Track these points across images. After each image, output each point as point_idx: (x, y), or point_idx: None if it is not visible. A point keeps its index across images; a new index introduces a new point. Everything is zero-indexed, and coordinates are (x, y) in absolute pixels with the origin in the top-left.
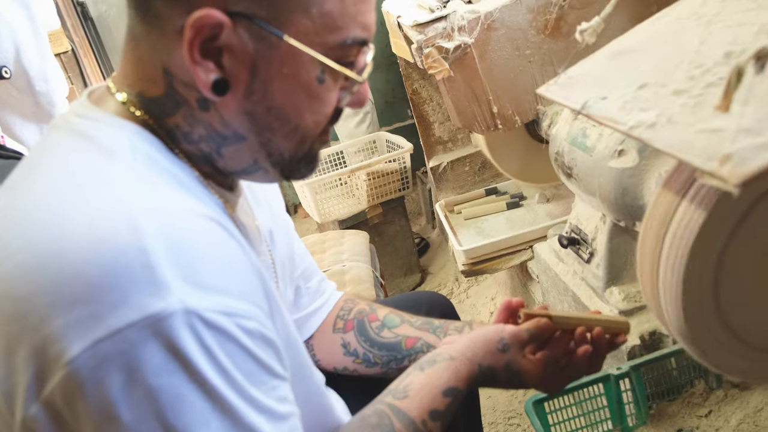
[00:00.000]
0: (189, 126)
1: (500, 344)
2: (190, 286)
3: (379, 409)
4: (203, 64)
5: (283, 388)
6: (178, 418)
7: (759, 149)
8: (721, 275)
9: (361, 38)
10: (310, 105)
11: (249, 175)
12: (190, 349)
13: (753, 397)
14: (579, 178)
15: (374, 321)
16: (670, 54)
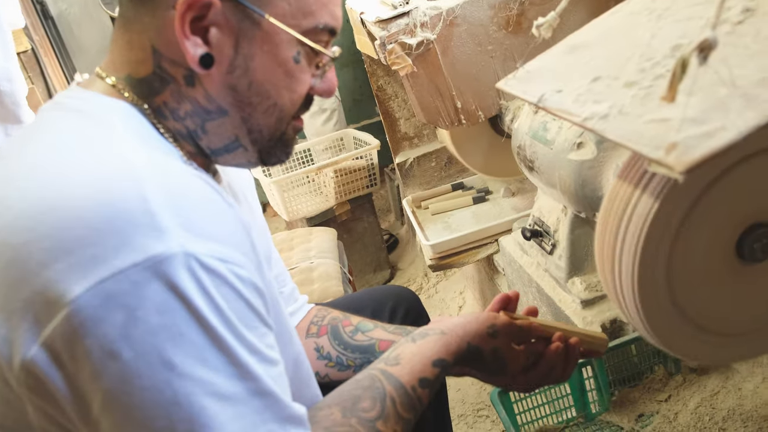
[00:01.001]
0: (176, 102)
1: (491, 329)
2: (188, 233)
3: (372, 374)
4: (192, 39)
5: (270, 337)
6: (177, 354)
7: (703, 138)
8: (674, 262)
9: (331, 25)
10: (287, 83)
11: (229, 153)
12: (189, 289)
13: (710, 381)
14: (540, 171)
15: (348, 326)
16: (622, 48)
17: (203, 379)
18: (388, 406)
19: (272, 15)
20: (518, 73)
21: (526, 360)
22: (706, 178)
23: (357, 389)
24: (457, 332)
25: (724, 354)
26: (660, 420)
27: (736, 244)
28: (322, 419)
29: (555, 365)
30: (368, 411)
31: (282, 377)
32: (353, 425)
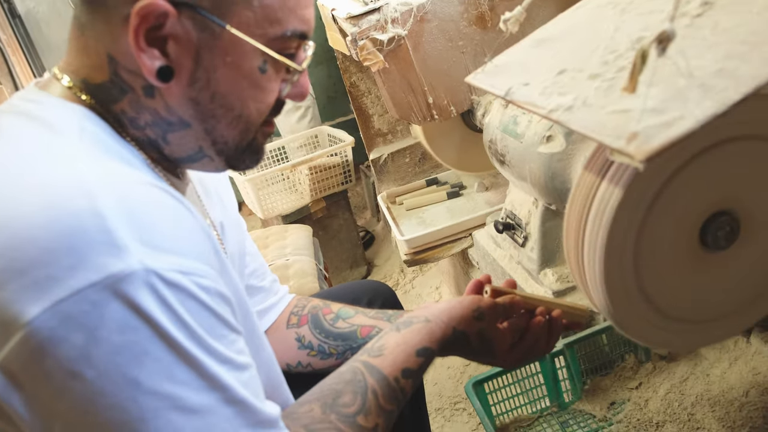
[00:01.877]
0: (135, 112)
1: (476, 312)
2: (148, 248)
3: (354, 366)
4: (148, 52)
5: (240, 342)
6: (142, 372)
7: (662, 127)
8: (640, 250)
9: (301, 31)
10: (253, 94)
11: (195, 162)
12: (151, 307)
13: (679, 368)
14: (511, 164)
15: (328, 314)
16: (587, 41)
17: (169, 395)
18: (370, 399)
19: (234, 25)
20: (486, 68)
21: (512, 338)
22: (670, 167)
23: (339, 383)
24: (442, 318)
25: (690, 341)
26: (631, 407)
27: (700, 233)
28: (302, 416)
29: (539, 339)
30: (349, 406)
31: (254, 380)
32: (332, 421)
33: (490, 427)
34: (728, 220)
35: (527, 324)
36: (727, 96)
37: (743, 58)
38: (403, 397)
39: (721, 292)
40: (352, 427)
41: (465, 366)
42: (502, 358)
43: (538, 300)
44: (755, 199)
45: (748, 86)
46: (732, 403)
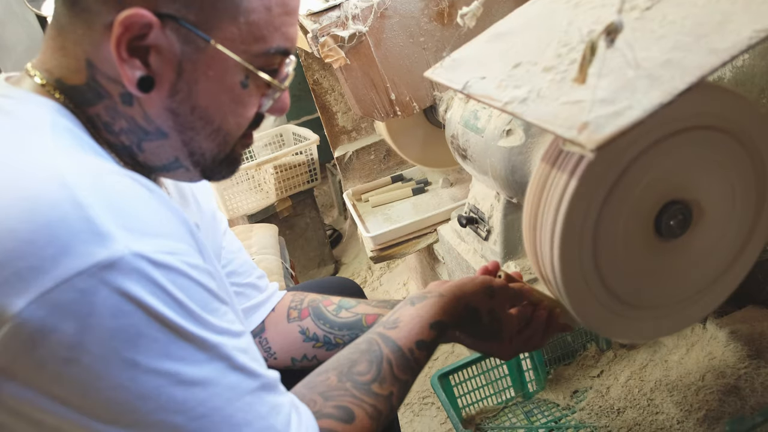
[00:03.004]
0: (110, 118)
1: (488, 290)
2: (132, 233)
3: (370, 338)
4: (130, 61)
5: (230, 312)
6: (140, 353)
7: (611, 117)
8: (597, 240)
9: (284, 48)
10: (234, 108)
11: (169, 172)
12: (142, 291)
13: (639, 355)
14: (473, 159)
15: (330, 305)
16: (542, 34)
17: (169, 371)
18: (385, 368)
19: (219, 40)
20: (445, 62)
21: (519, 324)
22: (625, 158)
23: (354, 353)
24: (454, 293)
25: (648, 328)
26: (593, 395)
27: (655, 222)
28: (318, 384)
29: (537, 332)
30: (364, 374)
31: (251, 345)
32: (348, 389)
33: (456, 418)
34: (681, 208)
35: (531, 315)
36: (673, 86)
37: (689, 49)
38: (417, 367)
39: (677, 279)
40: (367, 394)
41: (433, 361)
42: (507, 342)
43: (542, 295)
44: (706, 188)
45: (693, 76)
46: (689, 387)
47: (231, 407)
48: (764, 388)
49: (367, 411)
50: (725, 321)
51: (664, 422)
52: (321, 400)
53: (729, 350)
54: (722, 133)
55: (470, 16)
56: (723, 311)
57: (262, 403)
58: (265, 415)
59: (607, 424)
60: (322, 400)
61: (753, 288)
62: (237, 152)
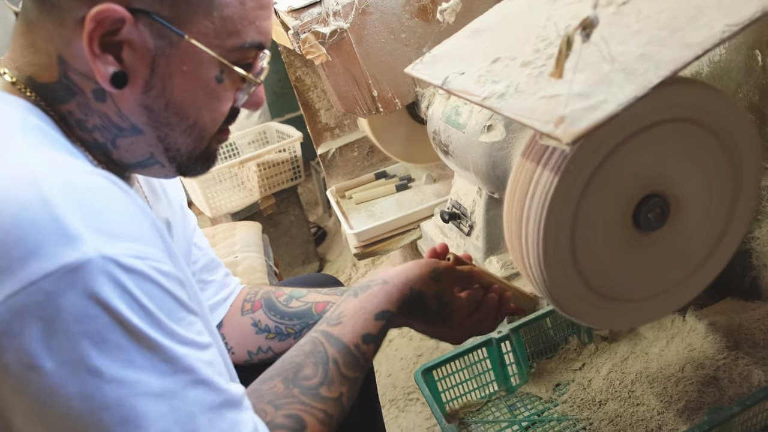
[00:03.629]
0: (83, 115)
1: (433, 273)
2: (101, 236)
3: (313, 337)
4: (102, 57)
5: (198, 323)
6: (103, 360)
7: (587, 110)
8: (576, 234)
9: (259, 42)
10: (209, 103)
11: (144, 168)
12: (110, 295)
13: (620, 348)
14: (455, 154)
15: (281, 296)
16: (521, 30)
17: (133, 381)
18: (332, 370)
19: (193, 35)
20: (425, 58)
21: (468, 308)
22: (603, 152)
23: (299, 356)
24: (399, 279)
25: (627, 319)
26: (575, 388)
27: (633, 215)
28: (265, 393)
29: (488, 315)
30: (310, 378)
31: (216, 358)
32: (296, 395)
33: (439, 413)
34: (659, 201)
35: (482, 298)
36: (648, 79)
37: (663, 43)
38: (365, 362)
39: (655, 271)
40: (315, 399)
41: (417, 357)
42: (457, 326)
43: (493, 278)
44: (683, 181)
45: (667, 70)
46: (669, 378)
47: (193, 422)
48: (742, 378)
49: (318, 417)
50: (704, 313)
51: (644, 413)
52: (271, 409)
53: (708, 342)
54: (699, 126)
55: (449, 12)
56: (702, 303)
57: (223, 419)
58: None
59: (589, 416)
60: (273, 410)
61: (732, 280)
62: (212, 148)
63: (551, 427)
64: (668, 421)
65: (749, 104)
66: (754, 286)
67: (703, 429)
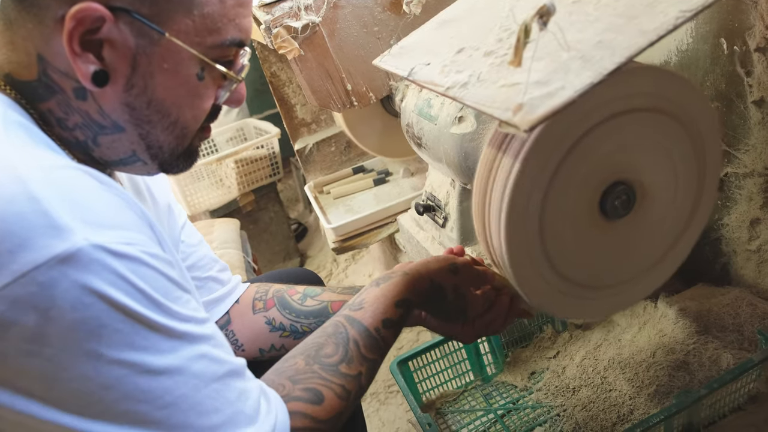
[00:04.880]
0: (63, 113)
1: (452, 267)
2: (90, 226)
3: (336, 321)
4: (83, 56)
5: (193, 300)
6: (102, 345)
7: (545, 98)
8: (543, 222)
9: (239, 39)
10: (190, 101)
11: (126, 166)
12: (103, 281)
13: (593, 335)
14: (428, 146)
15: (294, 294)
16: (485, 20)
17: (134, 361)
18: (352, 349)
19: (173, 33)
20: (393, 50)
21: (483, 306)
22: (569, 141)
23: (321, 337)
24: (419, 271)
25: (597, 307)
26: (550, 375)
27: (600, 202)
28: (287, 369)
29: (499, 316)
30: (331, 356)
31: (217, 332)
32: (316, 371)
33: (414, 403)
34: (624, 189)
35: (495, 298)
36: (603, 66)
37: (619, 31)
38: (385, 346)
39: (622, 258)
40: (335, 375)
41: (398, 349)
42: (470, 323)
43: (505, 281)
44: (648, 168)
45: (622, 56)
46: (640, 364)
47: (198, 394)
48: (711, 362)
49: (336, 391)
50: (675, 299)
51: (616, 399)
52: (289, 384)
53: (678, 327)
54: (664, 115)
55: (415, 4)
56: (674, 290)
57: (229, 389)
58: (233, 400)
59: (563, 403)
60: (291, 384)
61: (703, 266)
62: (195, 145)
63: (526, 415)
64: (639, 405)
65: (716, 92)
66: (724, 271)
67: (672, 412)
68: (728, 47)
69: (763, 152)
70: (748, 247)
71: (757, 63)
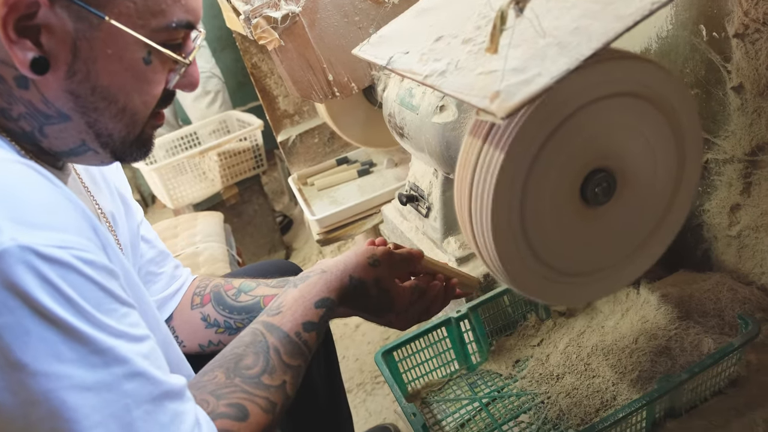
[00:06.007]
0: (6, 103)
1: (371, 259)
2: (20, 225)
3: (254, 328)
4: (19, 43)
5: (133, 315)
6: (27, 354)
7: (522, 85)
8: (525, 210)
9: (186, 21)
10: (138, 86)
11: (78, 156)
12: (29, 285)
13: (577, 323)
14: (410, 136)
15: (230, 289)
16: (464, 8)
17: (60, 374)
18: (273, 358)
19: (114, 16)
20: (372, 39)
21: (411, 296)
22: (546, 129)
23: (239, 347)
24: (338, 267)
25: (578, 294)
26: (534, 363)
27: (580, 189)
28: (207, 384)
29: (434, 302)
30: (251, 368)
31: (155, 351)
32: (238, 384)
33: (399, 393)
34: (605, 176)
35: (427, 286)
36: (579, 52)
37: (596, 17)
38: (308, 350)
39: (604, 245)
40: (258, 388)
41: (384, 340)
42: (403, 313)
43: (437, 266)
44: (628, 155)
45: (599, 41)
46: (623, 350)
47: (129, 415)
48: (693, 347)
49: (261, 405)
50: (657, 285)
51: (600, 385)
52: (213, 399)
53: (660, 313)
54: (643, 101)
55: None
56: (656, 276)
57: (163, 411)
58: (166, 424)
59: (547, 390)
60: (215, 400)
61: (685, 252)
62: (147, 133)
63: (511, 403)
64: (622, 391)
65: (696, 78)
66: (705, 257)
67: (654, 397)
68: (708, 34)
69: (742, 138)
70: (729, 233)
71: (736, 49)
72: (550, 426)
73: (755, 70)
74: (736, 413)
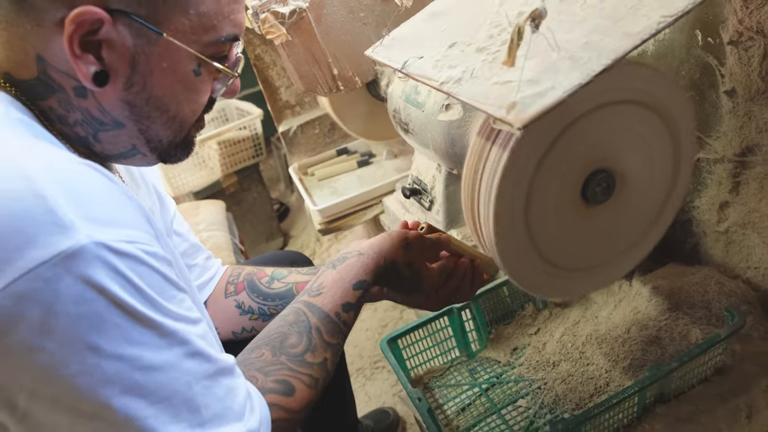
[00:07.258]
0: (64, 110)
1: (404, 242)
2: (92, 223)
3: (296, 308)
4: (83, 57)
5: (188, 299)
6: (102, 339)
7: (536, 97)
8: (529, 208)
9: (233, 34)
10: (188, 96)
11: (126, 159)
12: (104, 278)
13: (572, 313)
14: (415, 132)
15: (263, 277)
16: (475, 15)
17: (131, 356)
18: (315, 338)
19: (170, 32)
20: (384, 41)
21: (440, 278)
22: (553, 133)
23: (284, 326)
24: (374, 250)
25: (577, 287)
26: (531, 351)
27: (582, 189)
28: (255, 361)
29: (463, 282)
30: (296, 346)
31: (208, 332)
32: (283, 362)
33: (405, 379)
34: (605, 177)
35: (454, 266)
36: (591, 67)
37: (606, 32)
38: (346, 329)
39: (602, 242)
40: (302, 365)
41: (382, 327)
42: (433, 295)
43: (461, 247)
44: (628, 158)
45: (608, 58)
46: (616, 339)
47: (190, 391)
48: (682, 337)
49: (305, 381)
50: (649, 278)
51: (593, 372)
52: (261, 376)
53: (651, 304)
54: (643, 107)
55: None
56: (648, 268)
57: (219, 386)
58: (222, 397)
59: (543, 376)
60: (263, 376)
61: (675, 246)
62: (191, 135)
63: (509, 388)
64: (615, 378)
65: (690, 81)
66: (694, 251)
67: (645, 383)
68: (703, 39)
69: (733, 139)
70: (717, 229)
71: (730, 55)
72: (547, 410)
73: (747, 76)
74: (721, 399)
